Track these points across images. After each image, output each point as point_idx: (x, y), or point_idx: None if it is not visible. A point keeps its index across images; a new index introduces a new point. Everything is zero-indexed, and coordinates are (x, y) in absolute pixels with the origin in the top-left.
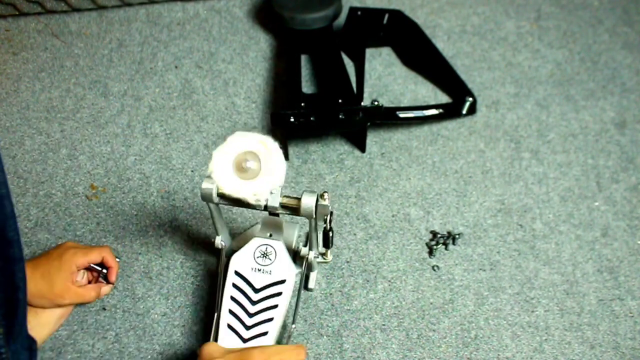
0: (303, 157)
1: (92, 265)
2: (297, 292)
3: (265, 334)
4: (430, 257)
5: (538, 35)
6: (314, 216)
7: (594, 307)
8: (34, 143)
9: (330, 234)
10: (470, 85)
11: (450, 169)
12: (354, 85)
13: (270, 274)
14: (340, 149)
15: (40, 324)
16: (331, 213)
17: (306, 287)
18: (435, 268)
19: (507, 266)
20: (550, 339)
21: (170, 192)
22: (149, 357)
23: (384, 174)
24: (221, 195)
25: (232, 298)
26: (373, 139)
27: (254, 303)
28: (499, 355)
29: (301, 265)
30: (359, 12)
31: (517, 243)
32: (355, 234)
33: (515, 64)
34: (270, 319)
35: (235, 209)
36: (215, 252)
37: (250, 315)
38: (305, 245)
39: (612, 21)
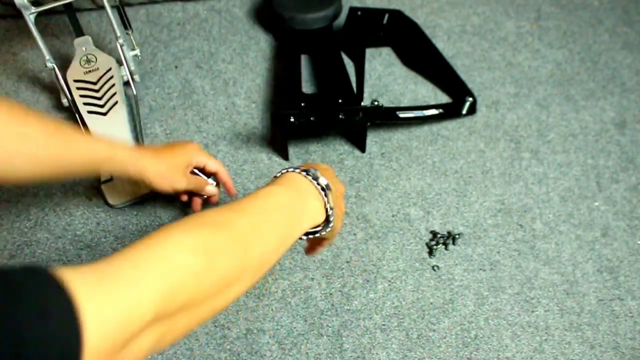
0: (303, 157)
1: (198, 171)
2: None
3: (116, 102)
4: (430, 257)
5: (538, 35)
6: None
7: (594, 307)
8: None
9: (122, 9)
10: (470, 85)
11: (450, 169)
12: (354, 85)
13: (98, 69)
14: (340, 149)
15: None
16: None
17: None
18: (435, 268)
19: (507, 266)
20: (550, 339)
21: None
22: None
23: (384, 174)
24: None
25: (82, 96)
26: (373, 139)
27: (97, 91)
28: (499, 355)
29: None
30: (359, 12)
31: (517, 243)
32: (355, 234)
33: (515, 64)
34: (114, 93)
35: None
36: None
37: (100, 98)
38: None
39: (612, 21)
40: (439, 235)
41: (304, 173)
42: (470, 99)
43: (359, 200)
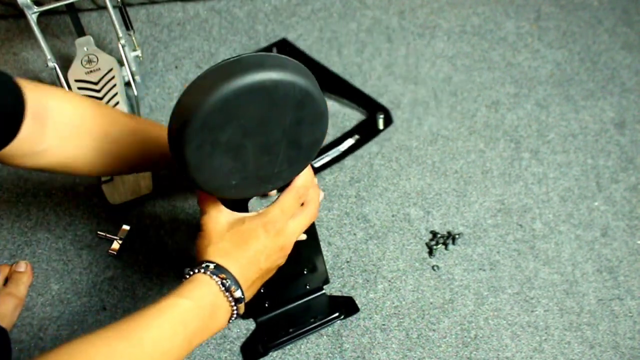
0: None
1: None
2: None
3: (117, 103)
4: (430, 257)
5: (538, 35)
6: None
7: (593, 307)
8: None
9: (124, 9)
10: (470, 85)
11: (450, 169)
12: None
13: (99, 69)
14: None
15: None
16: None
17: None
18: (435, 268)
19: (507, 266)
20: (550, 339)
21: (170, 192)
22: None
23: (384, 174)
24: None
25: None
26: (373, 139)
27: (99, 91)
28: (499, 355)
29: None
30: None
31: (517, 243)
32: (355, 234)
33: (515, 64)
34: (116, 94)
35: None
36: None
37: (101, 99)
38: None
39: (612, 21)
40: (439, 235)
41: (220, 282)
42: (382, 115)
43: (359, 200)
